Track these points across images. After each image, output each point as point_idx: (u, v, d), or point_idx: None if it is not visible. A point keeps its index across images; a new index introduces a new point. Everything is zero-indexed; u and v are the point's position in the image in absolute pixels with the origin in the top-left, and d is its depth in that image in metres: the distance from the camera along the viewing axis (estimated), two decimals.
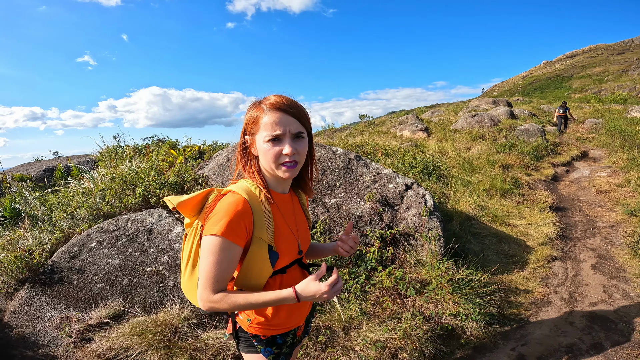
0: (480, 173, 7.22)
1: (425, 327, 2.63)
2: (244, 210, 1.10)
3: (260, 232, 1.14)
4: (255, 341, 1.30)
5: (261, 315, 1.26)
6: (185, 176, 4.10)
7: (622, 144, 9.48)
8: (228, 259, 1.08)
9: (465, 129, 12.02)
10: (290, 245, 1.25)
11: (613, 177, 7.17)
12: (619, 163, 8.13)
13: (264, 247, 1.15)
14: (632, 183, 6.52)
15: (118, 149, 6.39)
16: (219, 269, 1.07)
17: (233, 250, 1.09)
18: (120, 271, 2.95)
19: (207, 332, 2.62)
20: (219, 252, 1.07)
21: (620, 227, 4.93)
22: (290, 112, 1.14)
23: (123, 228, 3.34)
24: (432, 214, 3.50)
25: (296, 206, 1.36)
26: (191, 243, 1.27)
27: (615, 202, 5.90)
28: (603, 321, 2.94)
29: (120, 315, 2.72)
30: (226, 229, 1.06)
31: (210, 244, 1.07)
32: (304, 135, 1.17)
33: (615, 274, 3.70)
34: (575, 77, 42.27)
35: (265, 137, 1.12)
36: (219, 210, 1.10)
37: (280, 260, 1.20)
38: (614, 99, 23.18)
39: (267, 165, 1.16)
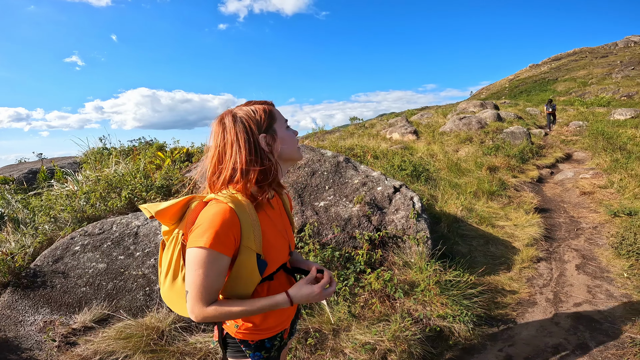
0: (468, 175, 7.31)
1: (413, 329, 2.64)
2: (231, 220, 1.06)
3: (248, 241, 1.11)
4: (243, 346, 1.28)
5: (249, 321, 1.25)
6: (172, 179, 4.05)
7: (605, 146, 9.71)
8: (217, 270, 1.05)
9: (453, 131, 12.16)
10: (280, 251, 1.24)
11: (596, 179, 7.34)
12: (602, 165, 8.32)
13: (252, 256, 1.12)
14: (615, 184, 6.68)
15: (104, 151, 6.28)
16: (209, 281, 1.05)
17: (222, 262, 1.06)
18: (105, 275, 2.91)
19: (195, 336, 2.60)
20: (207, 264, 1.03)
21: (603, 227, 5.04)
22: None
23: (108, 231, 3.29)
24: (420, 216, 3.53)
25: (281, 209, 1.35)
26: (171, 252, 1.21)
27: (599, 203, 6.04)
28: (588, 321, 2.98)
29: (105, 319, 2.68)
30: (214, 240, 1.03)
31: (198, 257, 1.03)
32: None
33: (599, 274, 3.78)
34: (560, 80, 43.23)
35: (284, 125, 1.23)
36: (205, 221, 1.06)
37: (269, 267, 1.19)
38: (597, 101, 23.74)
39: (290, 151, 1.22)
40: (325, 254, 3.17)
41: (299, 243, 3.29)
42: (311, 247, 3.20)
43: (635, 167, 7.25)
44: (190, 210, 1.18)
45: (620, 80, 32.31)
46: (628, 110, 15.29)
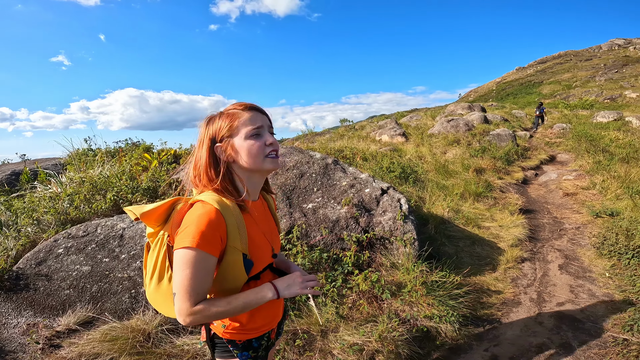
0: (455, 177, 7.41)
1: (401, 330, 2.67)
2: (217, 220, 1.08)
3: (234, 241, 1.12)
4: (231, 346, 1.29)
5: (236, 321, 1.26)
6: (159, 181, 4.01)
7: (588, 148, 9.95)
8: (205, 270, 1.06)
9: (441, 133, 12.31)
10: (265, 251, 1.25)
11: (579, 180, 7.51)
12: (584, 166, 8.53)
13: (239, 255, 1.14)
14: (597, 186, 6.85)
15: (89, 152, 6.18)
16: (196, 281, 1.05)
17: (209, 262, 1.07)
18: (89, 277, 2.88)
19: (182, 338, 2.59)
20: (195, 264, 1.04)
21: (585, 228, 5.16)
22: (261, 111, 1.22)
23: (92, 234, 3.26)
24: (407, 218, 3.57)
25: (266, 211, 1.37)
26: (156, 254, 1.22)
27: (581, 204, 6.18)
28: (570, 321, 3.03)
29: (89, 322, 2.66)
30: (200, 240, 1.04)
31: (185, 257, 1.04)
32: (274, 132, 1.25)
33: (582, 274, 3.86)
34: (546, 83, 44.16)
35: (247, 133, 1.16)
36: (191, 222, 1.07)
37: (255, 267, 1.21)
38: (581, 104, 24.31)
39: (252, 161, 1.16)
40: (313, 255, 3.18)
41: (287, 245, 3.29)
42: (299, 248, 3.21)
43: (617, 168, 7.45)
44: (175, 212, 1.19)
45: (604, 83, 33.16)
46: (611, 112, 15.70)
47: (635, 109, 19.48)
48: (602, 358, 2.55)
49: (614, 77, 36.66)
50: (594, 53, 63.60)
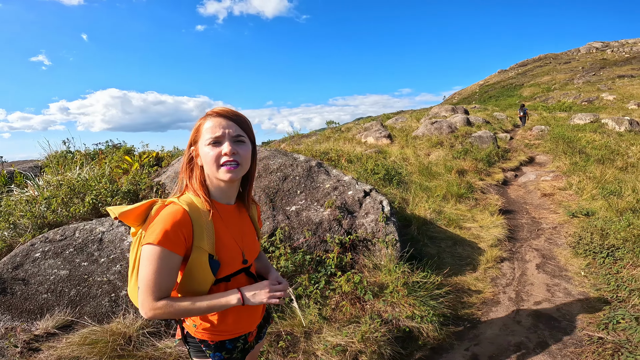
0: (438, 178, 7.53)
1: (383, 330, 2.69)
2: (182, 220, 1.12)
3: (200, 241, 1.16)
4: (203, 346, 1.31)
5: (206, 321, 1.29)
6: (140, 184, 3.95)
7: (565, 150, 10.25)
8: (167, 267, 1.10)
9: (425, 135, 12.48)
10: (234, 254, 1.27)
11: (556, 181, 7.74)
12: (561, 168, 8.78)
13: (204, 255, 1.17)
14: (573, 186, 7.07)
15: (67, 154, 6.02)
16: (159, 277, 1.08)
17: (171, 259, 1.10)
18: (67, 281, 2.87)
19: (164, 341, 2.57)
20: (156, 260, 1.08)
21: (562, 228, 5.32)
22: (230, 118, 1.21)
23: (70, 238, 3.22)
24: (388, 220, 3.61)
25: (244, 217, 1.38)
26: (135, 250, 1.27)
27: (558, 205, 6.37)
28: (547, 319, 3.10)
29: (68, 326, 2.64)
30: (162, 237, 1.08)
31: (148, 253, 1.09)
32: (244, 140, 1.22)
33: (558, 273, 3.97)
34: (526, 85, 45.26)
35: (206, 140, 1.18)
36: (157, 220, 1.13)
37: (223, 269, 1.23)
38: (559, 106, 25.01)
39: (209, 169, 1.19)
40: (296, 257, 3.19)
41: (270, 247, 3.29)
42: (282, 251, 3.21)
43: (592, 169, 7.70)
44: (151, 213, 1.23)
45: (582, 86, 34.19)
46: (587, 115, 16.22)
47: (611, 111, 20.18)
48: (578, 357, 2.60)
49: (591, 80, 37.87)
50: (572, 56, 65.58)
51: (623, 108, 21.66)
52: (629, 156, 9.17)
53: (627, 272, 3.52)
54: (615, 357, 2.48)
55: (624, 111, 20.34)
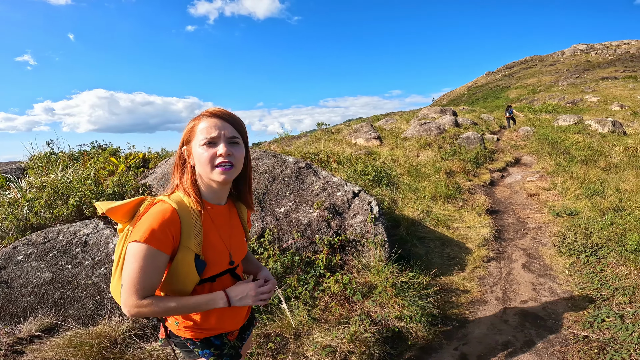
0: (427, 179, 7.59)
1: (372, 330, 2.70)
2: (171, 219, 1.12)
3: (187, 241, 1.15)
4: (189, 344, 1.31)
5: (189, 319, 1.28)
6: (126, 185, 3.89)
7: (550, 151, 10.46)
8: (153, 265, 1.09)
9: (414, 137, 12.58)
10: (221, 255, 1.27)
11: (541, 181, 7.88)
12: (546, 168, 8.94)
13: (190, 255, 1.16)
14: (558, 186, 7.21)
15: (51, 155, 5.89)
16: (144, 275, 1.08)
17: (157, 257, 1.09)
18: (51, 284, 2.83)
19: (152, 343, 2.54)
20: (142, 258, 1.07)
21: (547, 227, 5.41)
22: (225, 119, 1.20)
23: (54, 240, 3.18)
24: (377, 220, 3.63)
25: (233, 218, 1.38)
26: (121, 247, 1.26)
27: (543, 205, 6.48)
28: (533, 318, 3.14)
29: (52, 329, 2.60)
30: (149, 236, 1.07)
31: (134, 251, 1.08)
32: (239, 141, 1.22)
33: (543, 272, 4.04)
34: (513, 87, 46.06)
35: (200, 141, 1.16)
36: (145, 218, 1.12)
37: (209, 269, 1.23)
38: (544, 108, 25.50)
39: (202, 170, 1.18)
40: (285, 259, 3.18)
41: (258, 249, 3.27)
42: (271, 252, 3.20)
43: (576, 170, 7.87)
44: (140, 210, 1.23)
45: (566, 88, 34.92)
46: (571, 116, 16.58)
47: (595, 113, 20.66)
48: (564, 355, 2.63)
49: (575, 82, 38.73)
50: (557, 58, 67.00)
51: (606, 110, 22.20)
52: (611, 157, 9.41)
53: (610, 271, 3.59)
54: (601, 355, 2.51)
55: (607, 113, 20.86)
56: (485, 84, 64.26)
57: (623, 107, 22.18)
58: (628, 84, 30.73)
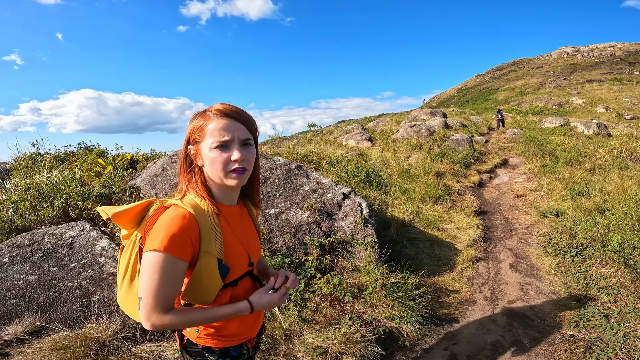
0: (417, 181, 7.65)
1: (363, 331, 2.70)
2: (189, 224, 1.06)
3: (208, 245, 1.10)
4: (207, 353, 1.24)
5: (210, 326, 1.22)
6: (113, 187, 3.84)
7: (536, 152, 10.64)
8: (173, 275, 1.03)
9: (405, 138, 12.67)
10: (241, 258, 1.22)
11: (528, 183, 8.02)
12: (533, 170, 9.10)
13: (213, 260, 1.10)
14: (544, 188, 7.34)
15: (37, 156, 5.78)
16: (164, 287, 1.01)
17: (178, 266, 1.03)
18: (36, 287, 2.79)
19: (141, 345, 2.52)
20: (163, 268, 1.01)
21: (534, 228, 5.51)
22: (238, 119, 1.13)
23: (39, 242, 3.14)
24: (367, 222, 3.65)
25: (245, 218, 1.32)
26: (129, 255, 1.20)
27: (530, 205, 6.60)
28: (521, 318, 3.18)
29: (39, 331, 2.56)
30: (169, 243, 1.01)
31: (153, 260, 1.01)
32: (251, 143, 1.16)
33: (530, 271, 4.10)
34: (501, 89, 46.77)
35: (212, 143, 1.09)
36: (161, 225, 1.05)
37: (231, 273, 1.17)
38: (531, 110, 25.95)
39: (214, 174, 1.12)
40: (275, 260, 3.18)
41: None
42: (261, 254, 3.19)
43: (562, 171, 8.02)
44: (149, 214, 1.16)
45: (553, 90, 35.58)
46: (557, 118, 16.91)
47: (580, 115, 21.11)
48: (552, 354, 2.67)
49: (562, 84, 39.50)
50: (544, 60, 68.25)
51: (592, 112, 22.70)
52: (596, 158, 9.62)
53: (595, 270, 3.66)
54: (587, 354, 2.55)
55: (593, 115, 21.33)
56: (475, 86, 65.10)
57: (608, 109, 22.70)
58: (613, 87, 31.46)
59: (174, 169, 4.24)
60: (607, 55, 57.52)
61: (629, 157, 9.87)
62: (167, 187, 3.89)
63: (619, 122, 18.83)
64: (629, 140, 11.88)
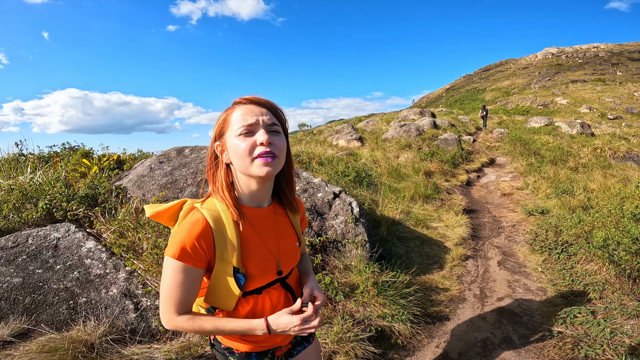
0: (407, 180, 7.71)
1: (356, 330, 2.71)
2: (203, 232, 1.03)
3: (223, 252, 1.05)
4: (227, 353, 1.22)
5: None
6: (99, 188, 3.76)
7: (522, 152, 10.84)
8: (187, 281, 1.02)
9: (395, 138, 12.75)
10: (265, 265, 1.14)
11: (514, 181, 8.16)
12: (519, 169, 9.26)
13: (229, 268, 1.06)
14: (529, 186, 7.48)
15: (20, 157, 5.63)
16: (178, 291, 1.02)
17: (191, 273, 1.02)
18: (21, 289, 2.73)
19: (131, 347, 2.47)
20: (175, 274, 1.01)
21: (520, 225, 5.60)
22: (263, 105, 1.07)
23: (23, 244, 3.07)
24: (358, 221, 3.66)
25: (281, 221, 1.22)
26: None
27: (517, 204, 6.71)
28: (510, 315, 3.22)
29: (25, 334, 2.51)
30: (180, 252, 1.00)
31: (167, 266, 1.02)
32: (279, 130, 1.07)
33: (517, 269, 4.17)
34: (488, 89, 47.49)
35: (236, 130, 1.02)
36: (178, 231, 1.04)
37: (252, 281, 1.11)
38: (518, 110, 26.41)
39: (239, 163, 1.04)
40: None
41: None
42: None
43: (547, 170, 8.19)
44: (182, 213, 1.14)
45: (538, 90, 36.26)
46: (542, 118, 17.24)
47: (564, 115, 21.56)
48: (541, 351, 2.70)
49: (546, 85, 40.31)
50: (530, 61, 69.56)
51: (575, 112, 23.20)
52: (580, 157, 9.84)
53: (580, 267, 3.74)
54: (575, 351, 2.58)
55: (576, 115, 21.82)
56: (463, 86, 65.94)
57: (591, 109, 23.24)
58: (596, 87, 32.24)
59: (161, 169, 4.18)
60: (591, 55, 58.95)
61: (612, 156, 10.13)
62: (155, 188, 3.84)
63: (602, 121, 19.32)
64: (611, 139, 12.19)
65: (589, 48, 68.33)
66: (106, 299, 2.70)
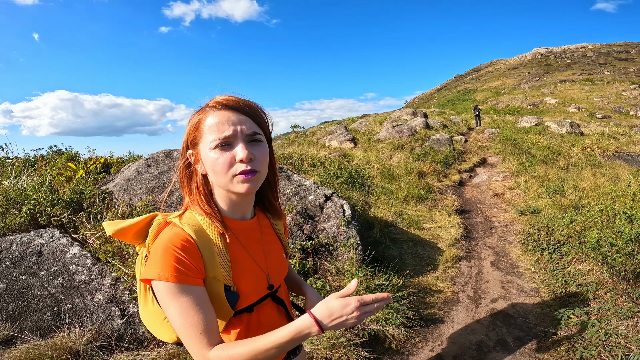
0: (400, 181, 7.70)
1: (348, 335, 2.66)
2: (189, 247, 0.89)
3: (212, 271, 0.93)
4: None
5: None
6: (84, 192, 3.67)
7: (513, 151, 10.91)
8: (197, 302, 0.85)
9: (387, 138, 12.76)
10: (256, 281, 1.04)
11: (506, 181, 8.20)
12: (510, 168, 9.31)
13: (219, 287, 0.94)
14: (521, 186, 7.51)
15: (5, 161, 5.50)
16: (196, 318, 0.84)
17: (195, 292, 0.86)
18: (4, 295, 2.69)
19: (117, 355, 2.41)
20: (178, 299, 0.84)
21: (512, 225, 5.61)
22: (241, 110, 0.93)
23: (7, 250, 3.02)
24: (349, 224, 3.61)
25: (266, 232, 1.13)
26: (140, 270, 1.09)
27: (508, 203, 6.73)
28: (504, 317, 3.19)
29: (9, 340, 2.46)
30: (175, 271, 0.84)
31: (163, 293, 0.84)
32: (261, 138, 0.95)
33: (510, 269, 4.15)
34: (479, 90, 47.93)
35: (211, 142, 0.89)
36: (158, 249, 0.89)
37: (244, 299, 1.00)
38: (508, 110, 26.66)
39: (218, 180, 0.92)
40: None
41: None
42: None
43: (537, 169, 8.24)
44: (152, 230, 1.00)
45: (528, 90, 36.68)
46: (532, 118, 17.42)
47: (554, 115, 21.81)
48: (535, 353, 2.67)
49: (536, 85, 40.81)
50: (520, 62, 70.41)
51: (564, 111, 23.50)
52: (570, 156, 9.94)
53: (573, 267, 3.74)
54: (571, 352, 2.55)
55: (565, 114, 22.10)
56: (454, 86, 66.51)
57: (580, 108, 23.56)
58: (585, 87, 32.70)
59: (149, 172, 4.09)
60: (579, 56, 59.85)
61: (601, 154, 10.25)
62: (142, 192, 3.76)
63: (591, 121, 19.59)
64: (600, 138, 12.35)
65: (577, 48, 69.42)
66: (91, 305, 2.64)
